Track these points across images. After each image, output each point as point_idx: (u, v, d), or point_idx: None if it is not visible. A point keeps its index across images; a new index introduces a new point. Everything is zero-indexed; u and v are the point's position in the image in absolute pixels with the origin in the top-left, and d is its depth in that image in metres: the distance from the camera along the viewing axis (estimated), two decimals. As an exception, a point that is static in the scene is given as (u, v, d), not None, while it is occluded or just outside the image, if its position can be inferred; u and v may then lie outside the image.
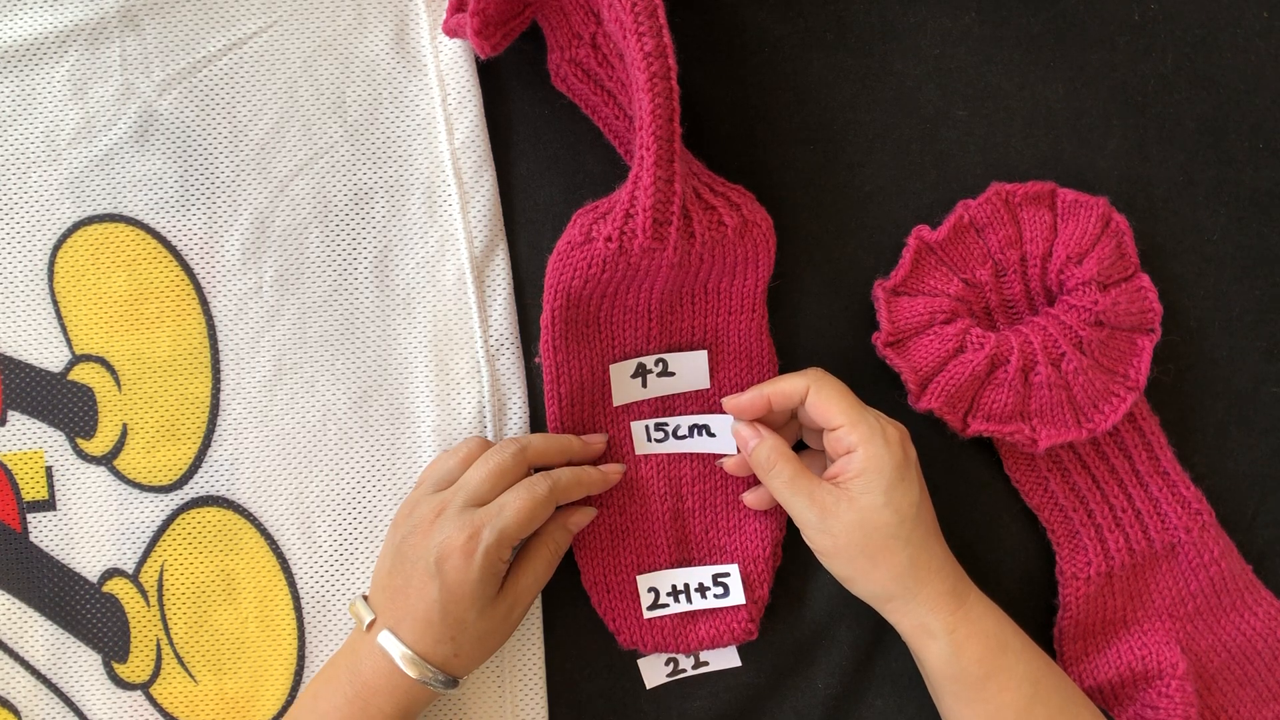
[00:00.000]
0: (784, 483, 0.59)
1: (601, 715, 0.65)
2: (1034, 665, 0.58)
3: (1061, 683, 0.59)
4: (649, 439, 0.64)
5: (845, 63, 0.65)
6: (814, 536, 0.59)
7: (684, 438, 0.64)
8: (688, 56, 0.59)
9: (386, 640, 0.58)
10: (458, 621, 0.57)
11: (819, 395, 0.58)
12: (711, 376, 0.64)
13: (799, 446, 0.63)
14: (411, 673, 0.57)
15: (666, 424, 0.64)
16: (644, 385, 0.63)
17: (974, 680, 0.57)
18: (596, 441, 0.63)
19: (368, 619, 0.59)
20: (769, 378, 0.63)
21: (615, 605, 0.64)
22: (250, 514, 0.65)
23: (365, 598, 0.60)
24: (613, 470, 0.63)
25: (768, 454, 0.59)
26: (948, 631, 0.57)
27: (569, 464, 0.62)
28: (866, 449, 0.57)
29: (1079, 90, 0.65)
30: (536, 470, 0.61)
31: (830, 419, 0.58)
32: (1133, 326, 0.62)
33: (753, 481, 0.64)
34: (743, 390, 0.63)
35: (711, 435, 0.64)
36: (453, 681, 0.58)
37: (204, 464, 0.65)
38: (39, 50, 0.65)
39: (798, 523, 0.59)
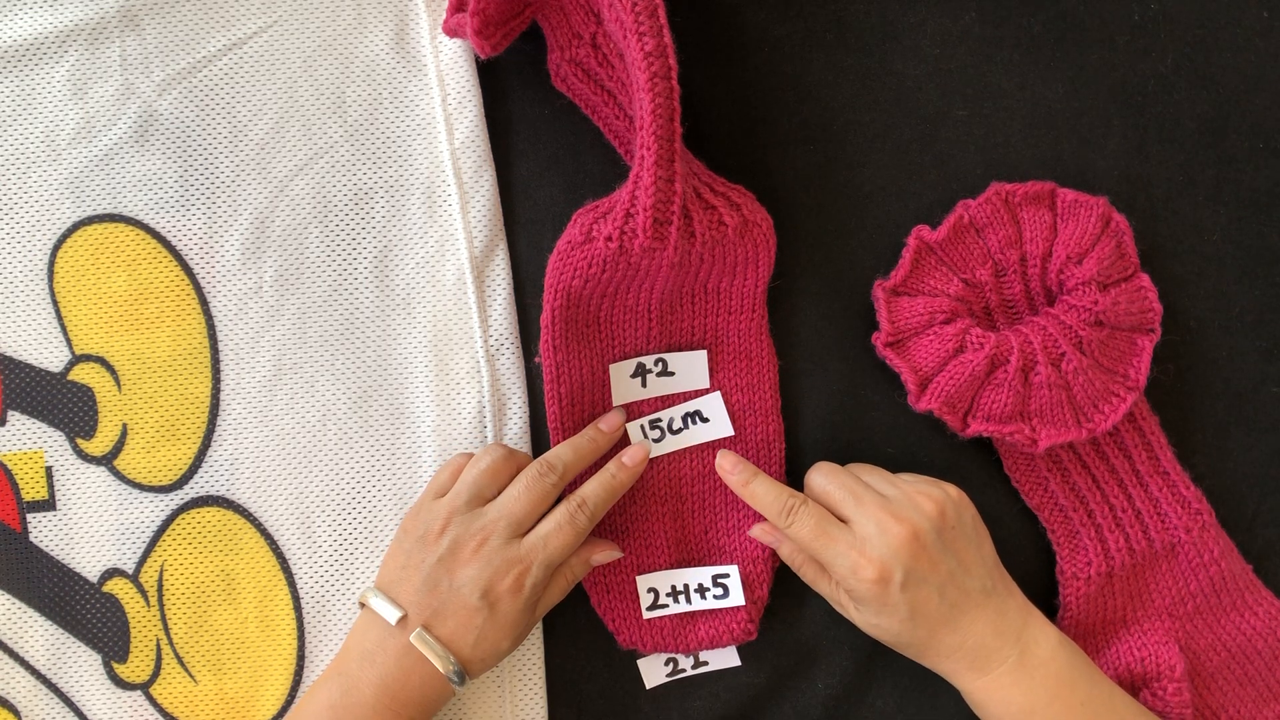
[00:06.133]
0: (809, 581, 0.62)
1: (601, 715, 0.65)
2: None
3: None
4: (645, 439, 0.64)
5: (845, 63, 0.65)
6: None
7: (679, 430, 0.64)
8: (688, 56, 0.58)
9: (426, 644, 0.58)
10: (493, 646, 0.59)
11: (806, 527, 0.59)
12: (711, 376, 0.64)
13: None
14: (440, 669, 0.58)
15: (660, 419, 0.64)
16: (644, 385, 0.63)
17: None
18: (615, 422, 0.63)
19: (396, 616, 0.58)
20: (768, 377, 0.63)
21: (615, 605, 0.64)
22: (250, 514, 0.65)
23: (382, 600, 0.60)
24: (637, 457, 0.63)
25: (789, 555, 0.62)
26: (968, 694, 0.60)
27: (589, 462, 0.62)
28: (844, 583, 0.59)
29: (1079, 90, 0.65)
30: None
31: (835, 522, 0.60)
32: (1133, 326, 0.62)
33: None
34: (741, 390, 0.63)
35: (705, 420, 0.64)
36: (463, 680, 0.59)
37: (204, 464, 0.65)
38: (39, 50, 0.65)
39: None
